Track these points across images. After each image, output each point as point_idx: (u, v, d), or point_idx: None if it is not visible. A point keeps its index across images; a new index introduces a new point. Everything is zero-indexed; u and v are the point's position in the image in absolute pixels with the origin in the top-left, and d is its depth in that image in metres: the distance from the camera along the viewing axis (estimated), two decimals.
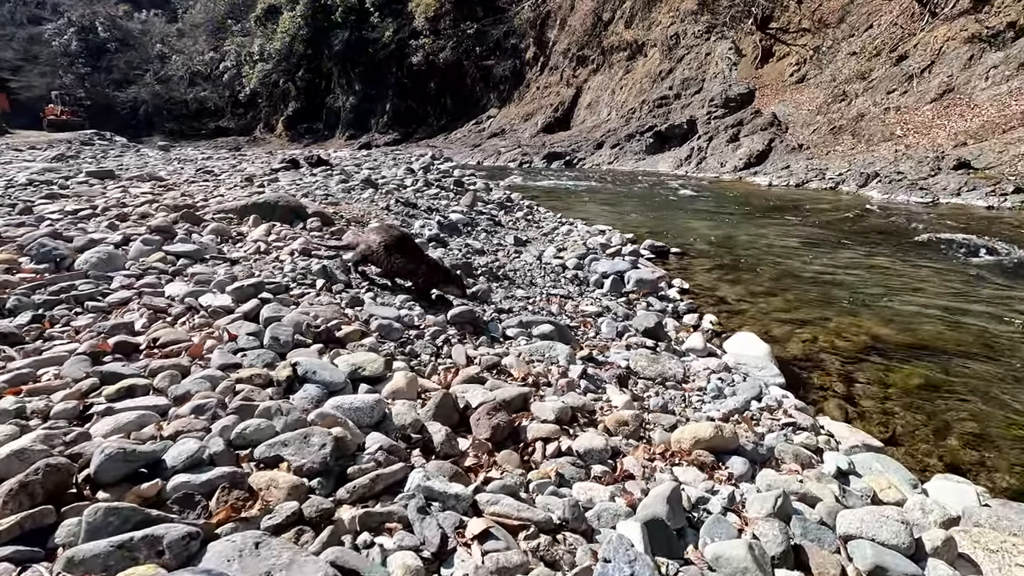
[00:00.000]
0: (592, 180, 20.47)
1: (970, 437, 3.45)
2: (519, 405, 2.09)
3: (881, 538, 1.58)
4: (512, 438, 1.88)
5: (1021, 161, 13.25)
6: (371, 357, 2.12)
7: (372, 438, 1.69)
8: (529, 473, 1.71)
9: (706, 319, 5.14)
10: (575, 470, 1.75)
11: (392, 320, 2.65)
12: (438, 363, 2.48)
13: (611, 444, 1.97)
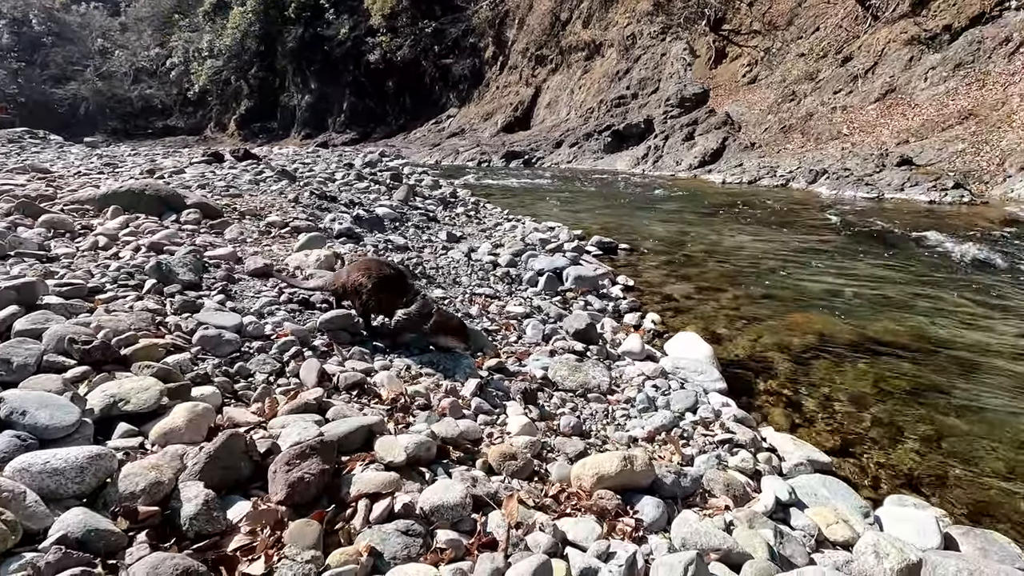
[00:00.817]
0: (550, 179, 20.15)
1: (925, 442, 3.13)
2: (358, 443, 1.58)
3: None
4: (329, 496, 1.36)
5: (959, 158, 13.56)
6: (142, 384, 1.54)
7: (66, 519, 1.15)
8: (331, 555, 1.19)
9: (648, 318, 4.76)
10: (404, 542, 1.25)
11: (227, 330, 2.10)
12: (276, 385, 1.95)
13: (486, 490, 1.49)
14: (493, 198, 13.40)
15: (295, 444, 1.38)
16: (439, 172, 20.66)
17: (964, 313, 5.05)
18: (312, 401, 1.76)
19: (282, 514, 1.25)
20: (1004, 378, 3.75)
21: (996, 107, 15.16)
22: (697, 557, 1.27)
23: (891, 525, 2.00)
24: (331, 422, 1.66)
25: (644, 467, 1.71)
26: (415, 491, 1.44)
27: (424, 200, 7.79)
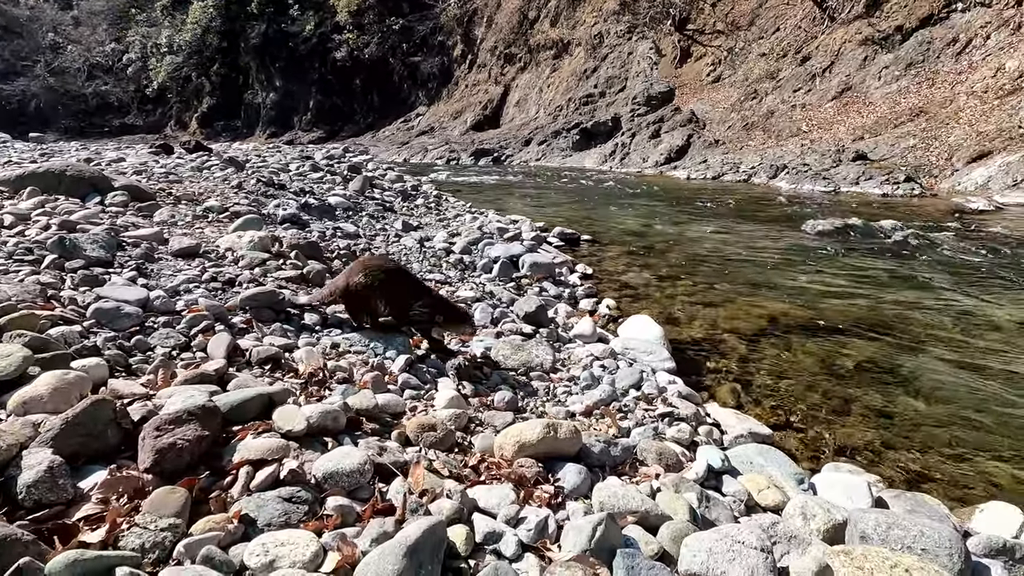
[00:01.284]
0: (519, 176, 20.12)
1: (868, 415, 3.16)
2: (254, 412, 1.46)
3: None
4: (209, 464, 1.25)
5: (910, 153, 14.03)
6: (3, 351, 1.40)
7: None
8: (197, 523, 1.08)
9: (603, 304, 4.73)
10: (284, 508, 1.14)
11: (129, 304, 1.96)
12: (178, 359, 1.81)
13: (393, 459, 1.40)
14: (459, 193, 13.30)
15: (167, 415, 1.26)
16: (407, 169, 20.43)
17: (909, 296, 5.16)
18: (212, 372, 1.63)
19: (145, 482, 1.13)
20: (944, 354, 3.83)
21: (944, 105, 15.75)
22: (608, 519, 1.20)
23: (824, 490, 1.98)
24: (227, 392, 1.54)
25: (569, 435, 1.64)
26: (312, 459, 1.33)
27: (383, 192, 7.63)
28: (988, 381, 3.40)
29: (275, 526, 1.11)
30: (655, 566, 1.14)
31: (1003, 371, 3.52)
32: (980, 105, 14.75)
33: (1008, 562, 1.58)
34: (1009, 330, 4.25)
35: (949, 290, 5.39)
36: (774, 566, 1.13)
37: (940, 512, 1.91)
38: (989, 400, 3.17)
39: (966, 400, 3.18)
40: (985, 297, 5.09)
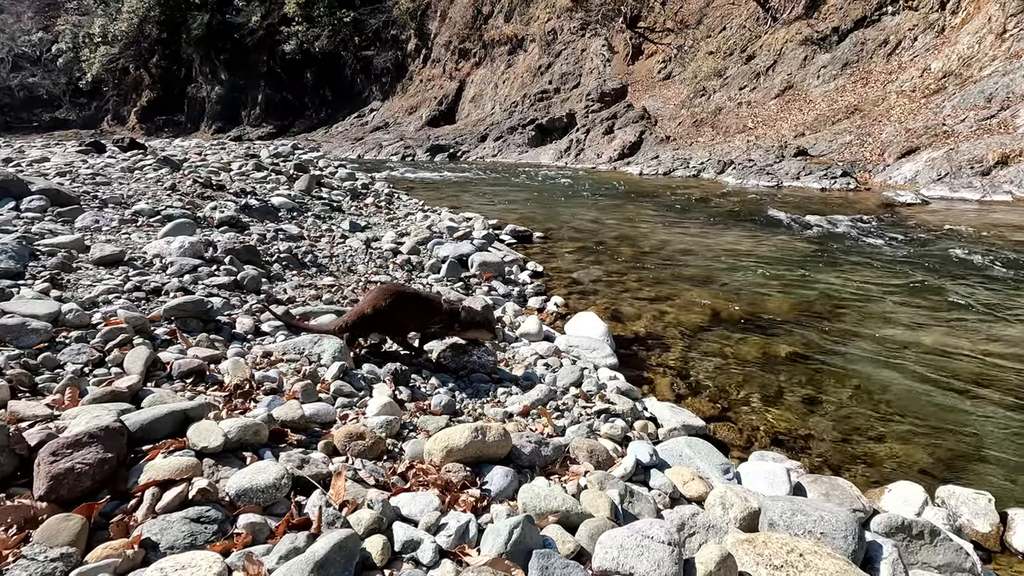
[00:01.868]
0: (474, 172, 20.05)
1: (801, 404, 3.31)
2: (168, 430, 1.42)
3: (640, 572, 1.15)
4: (113, 487, 1.20)
5: (847, 148, 14.75)
6: None
7: None
8: (94, 550, 1.04)
9: (552, 302, 4.78)
10: (191, 529, 1.11)
11: (37, 319, 1.85)
12: (91, 376, 1.73)
13: (315, 471, 1.38)
14: (413, 191, 13.15)
15: (70, 434, 1.21)
16: (360, 166, 20.05)
17: (844, 287, 5.43)
18: (124, 389, 1.57)
19: (39, 511, 1.08)
20: (872, 344, 4.05)
21: (878, 103, 16.62)
22: (525, 521, 1.23)
23: (748, 478, 2.07)
24: (140, 410, 1.48)
25: (498, 438, 1.66)
26: (228, 476, 1.30)
27: (331, 191, 7.46)
28: (910, 368, 3.62)
29: (179, 548, 1.08)
30: (569, 565, 1.18)
31: (924, 359, 3.76)
32: (909, 103, 15.64)
33: (904, 539, 1.71)
34: (932, 320, 4.53)
35: (879, 280, 5.70)
36: (679, 559, 1.18)
37: (852, 494, 2.04)
38: (910, 387, 3.38)
39: (890, 387, 3.38)
40: (911, 289, 5.41)
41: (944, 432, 2.89)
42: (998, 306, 4.82)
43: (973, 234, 7.89)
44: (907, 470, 2.62)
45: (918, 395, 3.27)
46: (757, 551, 1.24)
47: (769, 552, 1.22)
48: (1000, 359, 3.73)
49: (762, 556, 1.22)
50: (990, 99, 13.37)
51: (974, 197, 10.64)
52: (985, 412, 3.06)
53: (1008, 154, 11.29)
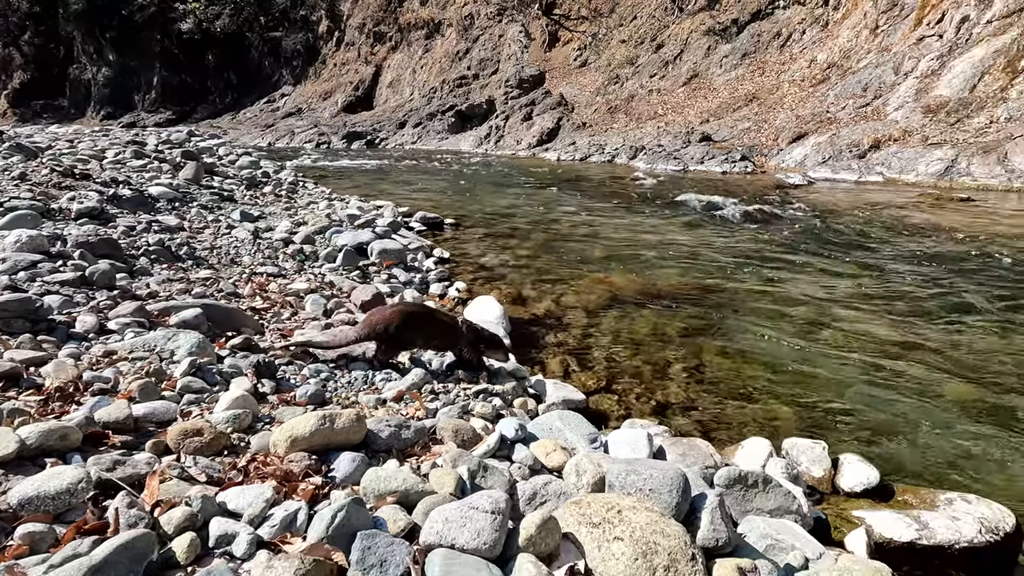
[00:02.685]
0: (392, 159, 19.55)
1: (686, 375, 3.47)
2: None
3: (461, 542, 1.16)
4: None
5: (746, 134, 15.72)
6: None
7: None
8: None
9: (454, 287, 4.76)
10: None
11: None
12: None
13: (127, 473, 1.28)
14: (326, 179, 12.64)
15: None
16: (269, 154, 18.99)
17: (735, 264, 5.79)
18: None
19: None
20: (758, 315, 4.33)
21: (772, 91, 17.81)
22: (351, 504, 1.21)
23: (614, 446, 2.16)
24: None
25: (349, 424, 1.62)
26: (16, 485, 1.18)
27: (225, 180, 7.00)
28: (787, 336, 3.91)
29: None
30: (395, 542, 1.17)
31: (800, 327, 4.07)
32: (799, 92, 16.88)
33: (741, 488, 1.85)
34: (811, 292, 4.92)
35: (766, 255, 6.13)
36: (502, 526, 1.20)
37: (706, 453, 2.18)
38: (786, 354, 3.64)
39: (767, 355, 3.63)
40: (795, 264, 5.86)
41: (809, 392, 3.14)
42: (869, 276, 5.32)
43: (850, 211, 8.67)
44: (771, 427, 2.84)
45: (790, 360, 3.54)
46: (581, 511, 1.28)
47: (591, 512, 1.27)
48: (868, 324, 4.12)
49: (584, 516, 1.27)
50: (866, 88, 14.69)
51: (852, 178, 11.69)
52: (847, 372, 3.37)
53: (880, 139, 12.49)
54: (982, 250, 6.19)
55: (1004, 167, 10.28)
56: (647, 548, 1.16)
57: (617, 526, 1.21)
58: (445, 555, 1.14)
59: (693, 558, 1.16)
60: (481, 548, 1.16)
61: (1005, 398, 3.00)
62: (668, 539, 1.18)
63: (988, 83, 12.02)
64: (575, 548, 1.23)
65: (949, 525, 1.81)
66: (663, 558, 1.14)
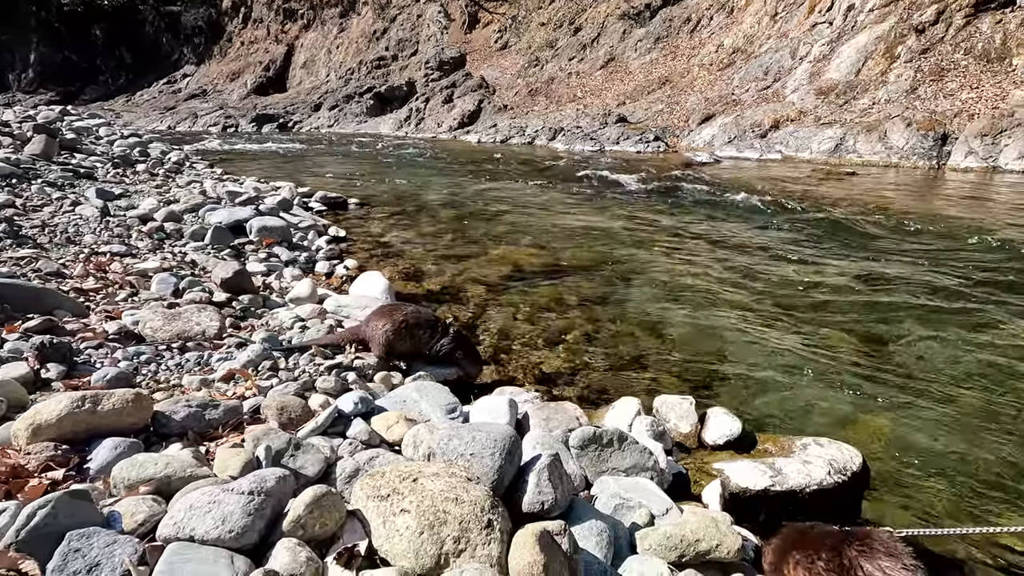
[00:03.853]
0: (306, 143, 18.55)
1: (577, 343, 3.37)
2: None
3: (200, 532, 0.95)
4: None
5: (659, 116, 16.12)
6: None
7: None
8: None
9: (343, 265, 4.45)
10: None
11: None
12: None
13: None
14: (230, 162, 11.73)
15: None
16: (167, 138, 17.43)
17: (641, 235, 5.81)
18: None
19: None
20: (656, 285, 4.33)
21: (684, 75, 18.36)
22: (58, 499, 0.95)
23: (475, 415, 2.00)
24: None
25: (121, 406, 1.34)
26: None
27: (88, 157, 6.22)
28: (679, 304, 3.91)
29: None
30: (118, 540, 0.93)
31: (694, 296, 4.08)
32: (707, 75, 17.50)
33: (596, 448, 1.73)
34: (712, 259, 5.00)
35: (672, 229, 6.21)
36: (258, 509, 0.99)
37: (572, 415, 2.06)
38: (676, 320, 3.63)
39: (658, 322, 3.60)
40: (694, 235, 5.96)
41: (694, 355, 3.13)
42: (760, 246, 5.49)
43: (749, 186, 9.03)
44: (653, 389, 2.78)
45: (679, 326, 3.53)
46: (373, 484, 1.10)
47: (381, 483, 1.09)
48: (754, 290, 4.20)
49: (374, 489, 1.08)
50: (767, 72, 15.43)
51: (755, 156, 12.25)
52: (730, 334, 3.39)
53: (779, 119, 13.16)
54: (860, 218, 6.60)
55: (884, 144, 11.11)
56: (435, 519, 0.99)
57: (406, 497, 1.03)
58: (175, 550, 0.91)
59: (489, 525, 1.00)
60: (225, 537, 0.94)
61: (866, 347, 3.12)
62: (461, 506, 1.01)
63: (871, 67, 12.93)
64: (362, 527, 1.04)
65: (801, 470, 1.79)
66: (452, 528, 0.98)
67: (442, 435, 1.34)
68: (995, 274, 4.48)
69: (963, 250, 5.19)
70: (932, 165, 10.60)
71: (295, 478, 1.33)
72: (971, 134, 10.56)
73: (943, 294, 4.02)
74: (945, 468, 2.12)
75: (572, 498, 1.38)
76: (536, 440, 1.83)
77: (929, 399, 2.58)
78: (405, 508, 1.01)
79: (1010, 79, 11.37)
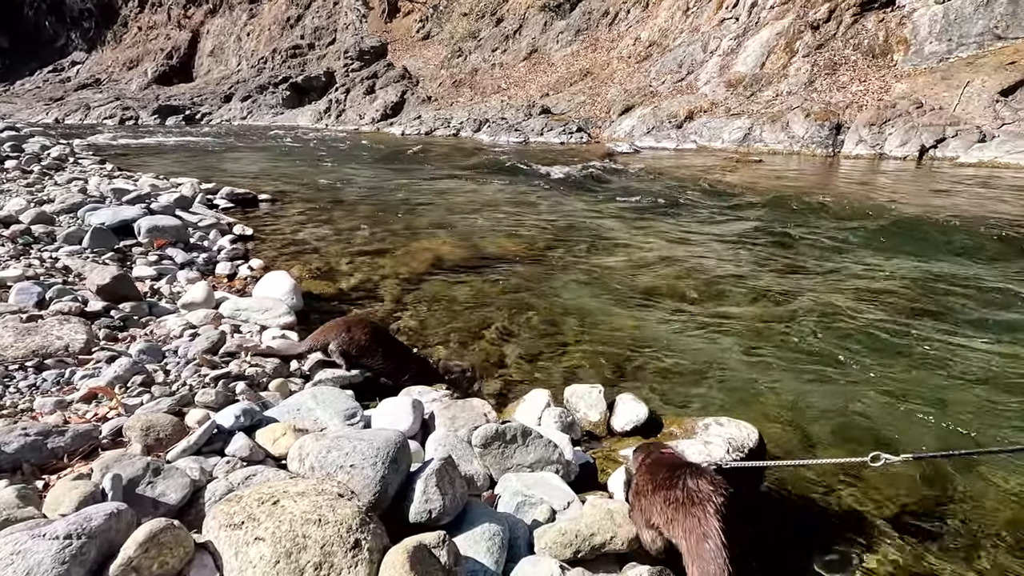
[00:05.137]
0: (216, 136, 17.36)
1: (500, 335, 3.31)
2: None
3: None
4: None
5: (582, 107, 16.39)
6: None
7: None
8: None
9: (247, 266, 4.15)
10: None
11: None
12: None
13: None
14: (125, 158, 10.74)
15: None
16: (53, 132, 15.71)
17: (561, 225, 5.83)
18: None
19: None
20: (578, 271, 4.33)
21: (604, 67, 18.75)
22: None
23: (377, 419, 1.90)
24: None
25: None
26: None
27: None
28: (607, 290, 3.93)
29: None
30: None
31: (614, 283, 4.12)
32: (627, 68, 17.96)
33: (500, 446, 1.68)
34: (632, 245, 5.08)
35: (591, 219, 6.28)
36: (75, 556, 0.85)
37: (479, 412, 2.00)
38: (597, 308, 3.64)
39: (577, 309, 3.60)
40: (614, 222, 6.07)
41: (613, 342, 3.14)
42: (676, 231, 5.66)
43: (664, 174, 9.35)
44: (569, 378, 2.77)
45: (600, 313, 3.55)
46: (228, 510, 0.98)
47: (236, 509, 0.98)
48: (672, 274, 4.31)
49: (227, 516, 0.97)
50: (681, 65, 16.04)
51: (671, 146, 12.72)
52: (648, 318, 3.45)
53: (693, 111, 13.72)
54: (766, 202, 6.98)
55: (787, 134, 11.86)
56: (293, 545, 0.89)
57: (263, 523, 0.92)
58: None
59: (356, 546, 0.92)
60: None
61: (768, 326, 3.28)
62: (325, 528, 0.92)
63: (773, 61, 13.75)
64: (213, 561, 0.93)
65: (701, 450, 1.82)
66: (313, 554, 0.89)
67: (320, 447, 1.23)
68: (888, 251, 4.86)
69: (853, 230, 5.60)
70: (829, 153, 11.44)
71: (153, 507, 1.18)
72: (860, 124, 11.48)
73: (840, 274, 4.31)
74: (824, 428, 2.24)
75: (466, 502, 1.31)
76: (439, 441, 1.75)
77: (822, 370, 2.73)
78: (260, 536, 0.90)
79: (892, 73, 12.46)
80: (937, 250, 5.01)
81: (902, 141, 10.91)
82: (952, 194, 8.19)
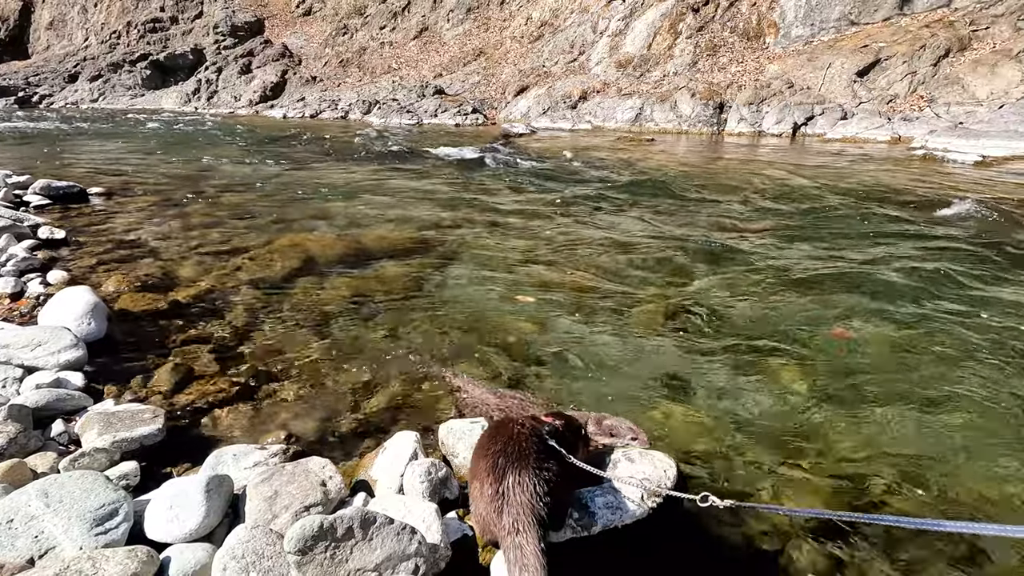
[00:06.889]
0: (58, 122, 14.89)
1: (368, 354, 2.77)
2: None
3: None
4: None
5: (476, 88, 15.90)
6: None
7: None
8: None
9: (39, 281, 3.30)
10: None
11: None
12: None
13: None
14: None
15: None
16: None
17: (450, 216, 5.36)
18: None
19: None
20: (466, 263, 3.90)
21: (497, 47, 18.33)
22: None
23: (156, 512, 1.35)
24: None
25: None
26: None
27: None
28: (499, 285, 3.53)
29: None
30: None
31: (506, 277, 3.72)
32: (520, 48, 17.67)
33: (330, 545, 1.19)
34: (528, 232, 4.72)
35: (484, 204, 5.87)
36: None
37: (317, 480, 1.50)
38: (484, 308, 3.22)
39: (465, 312, 3.16)
40: (508, 209, 5.69)
41: (502, 345, 2.76)
42: (577, 214, 5.40)
43: (560, 154, 9.16)
44: (450, 400, 2.34)
45: (495, 311, 3.15)
46: None
47: None
48: (575, 261, 4.00)
49: None
50: (572, 45, 16.00)
51: (567, 126, 12.63)
52: (540, 318, 3.10)
53: (586, 91, 13.72)
54: (658, 178, 6.97)
55: (675, 113, 12.16)
56: None
57: None
58: None
59: None
60: None
61: (667, 316, 3.06)
62: None
63: (659, 42, 14.05)
64: None
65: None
66: None
67: None
68: (782, 219, 4.89)
69: (736, 202, 5.65)
70: (714, 131, 11.89)
71: None
72: (741, 103, 12.03)
73: (730, 251, 4.23)
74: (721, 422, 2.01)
75: None
76: (242, 544, 1.24)
77: (721, 356, 2.53)
78: None
79: (766, 55, 13.17)
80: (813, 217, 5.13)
81: (777, 119, 11.57)
82: (820, 167, 8.71)
